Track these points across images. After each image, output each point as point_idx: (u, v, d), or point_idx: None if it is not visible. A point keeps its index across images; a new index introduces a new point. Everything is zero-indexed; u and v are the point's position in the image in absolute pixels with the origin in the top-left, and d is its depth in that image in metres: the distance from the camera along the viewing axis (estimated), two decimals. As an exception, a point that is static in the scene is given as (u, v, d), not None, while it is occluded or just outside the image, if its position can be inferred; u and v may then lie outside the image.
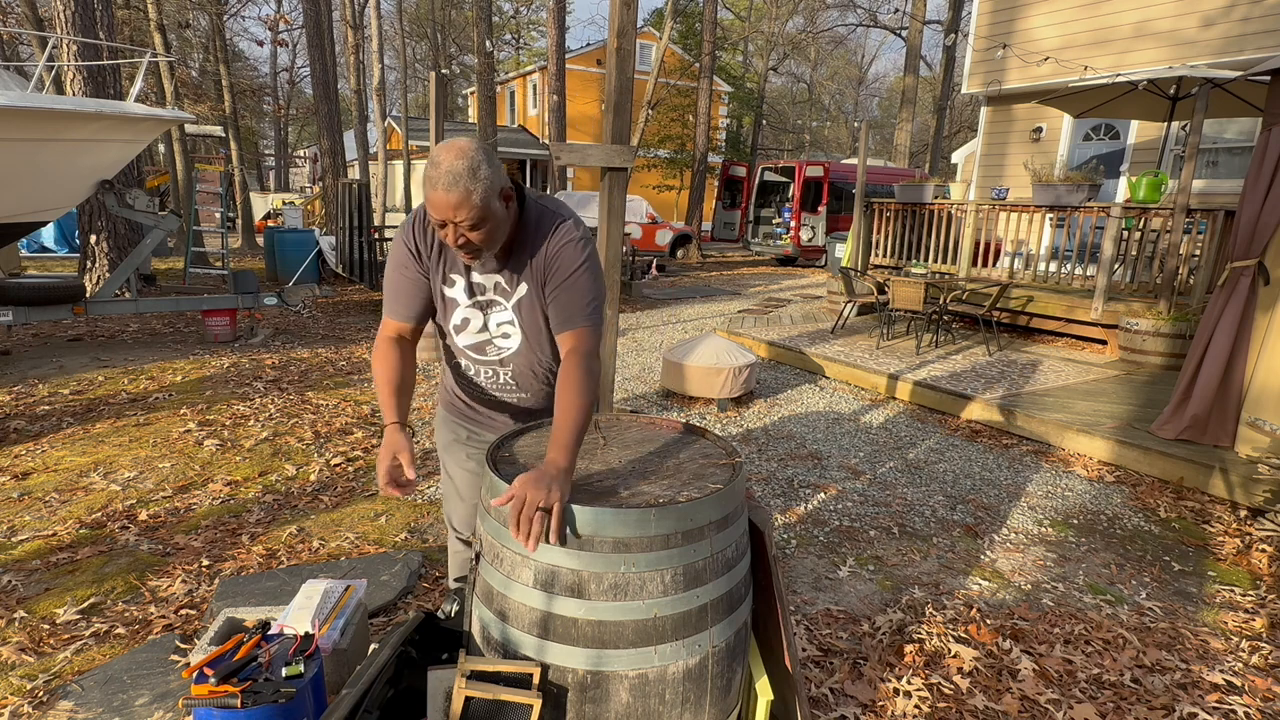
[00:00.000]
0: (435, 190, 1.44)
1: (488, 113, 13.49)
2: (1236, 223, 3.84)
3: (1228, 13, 7.73)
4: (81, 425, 4.29)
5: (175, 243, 14.10)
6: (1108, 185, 8.86)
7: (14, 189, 5.49)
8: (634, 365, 6.40)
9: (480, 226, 1.49)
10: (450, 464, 1.98)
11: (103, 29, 7.97)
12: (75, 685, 2.05)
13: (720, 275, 14.14)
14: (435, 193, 1.44)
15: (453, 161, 1.43)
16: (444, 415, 2.00)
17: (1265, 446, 3.74)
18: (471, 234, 1.49)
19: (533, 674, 1.32)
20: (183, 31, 24.06)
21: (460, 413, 1.94)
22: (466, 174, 1.43)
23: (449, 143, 1.47)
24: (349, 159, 18.59)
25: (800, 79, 38.20)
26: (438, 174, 1.43)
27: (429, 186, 1.45)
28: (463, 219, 1.46)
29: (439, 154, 1.44)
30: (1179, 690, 2.21)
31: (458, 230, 1.48)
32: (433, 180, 1.44)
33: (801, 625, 2.48)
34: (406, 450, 1.58)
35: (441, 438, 2.02)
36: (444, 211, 1.45)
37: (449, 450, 1.98)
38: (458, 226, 1.48)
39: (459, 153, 1.44)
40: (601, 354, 1.83)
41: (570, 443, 1.41)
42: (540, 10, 31.62)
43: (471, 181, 1.43)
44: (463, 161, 1.43)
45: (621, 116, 3.09)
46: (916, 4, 18.54)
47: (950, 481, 3.90)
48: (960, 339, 7.09)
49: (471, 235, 1.50)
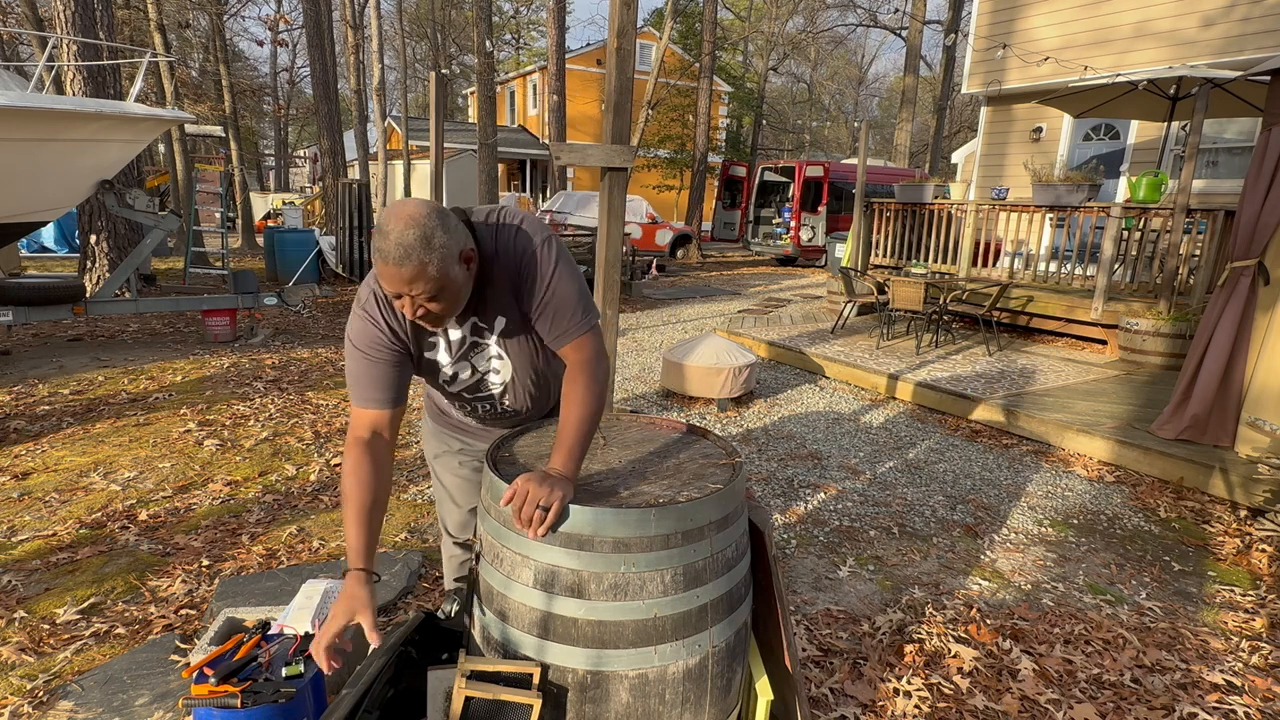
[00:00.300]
0: (386, 264, 1.30)
1: (488, 113, 13.48)
2: (1236, 223, 3.84)
3: (1228, 13, 7.73)
4: (81, 425, 4.29)
5: (175, 243, 14.10)
6: (1108, 185, 8.86)
7: (14, 189, 5.49)
8: (634, 365, 6.40)
9: (440, 298, 1.36)
10: (442, 472, 1.94)
11: (103, 29, 7.97)
12: (75, 685, 2.05)
13: (720, 275, 14.14)
14: (387, 267, 1.30)
15: (402, 232, 1.28)
16: (434, 428, 1.95)
17: (1265, 446, 3.74)
18: (430, 305, 1.37)
19: (533, 674, 1.32)
20: (183, 31, 24.06)
21: (453, 426, 1.89)
22: (419, 245, 1.29)
23: (398, 208, 1.32)
24: (349, 159, 18.58)
25: (800, 79, 38.21)
26: (387, 246, 1.29)
27: (378, 259, 1.31)
28: (419, 292, 1.33)
29: (387, 222, 1.30)
30: (1179, 690, 2.21)
31: (415, 302, 1.36)
32: (383, 253, 1.30)
33: (801, 625, 2.48)
34: (369, 611, 1.37)
35: (431, 448, 1.97)
36: (397, 285, 1.33)
37: (440, 460, 1.93)
38: (415, 299, 1.35)
39: (408, 221, 1.29)
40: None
41: (574, 448, 1.39)
42: (540, 10, 31.63)
43: (425, 253, 1.30)
44: (413, 231, 1.28)
45: (621, 116, 3.09)
46: (916, 4, 18.54)
47: (950, 481, 3.90)
48: (960, 339, 7.09)
49: (431, 306, 1.37)
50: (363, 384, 1.51)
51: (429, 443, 1.98)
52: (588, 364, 1.52)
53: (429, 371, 1.66)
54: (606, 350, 1.60)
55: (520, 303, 1.53)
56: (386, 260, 1.30)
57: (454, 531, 2.01)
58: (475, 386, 1.68)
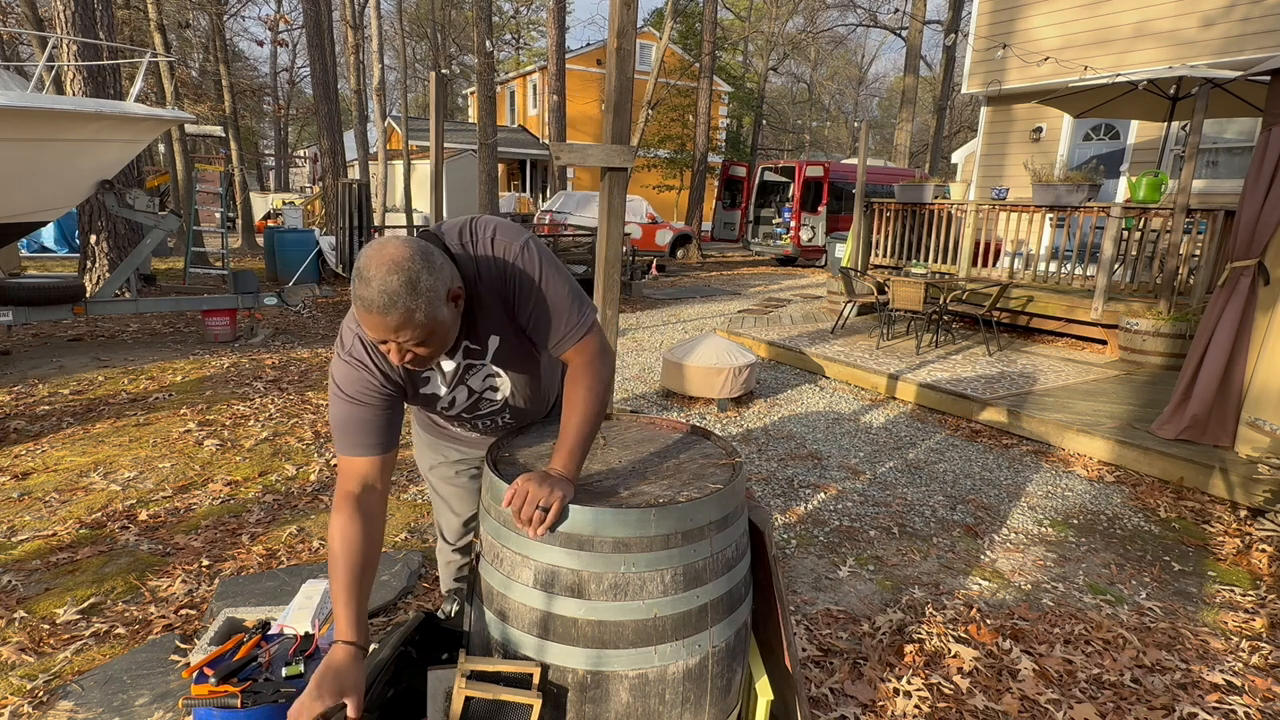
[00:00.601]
0: (370, 313, 1.21)
1: (488, 113, 13.49)
2: (1236, 223, 3.84)
3: (1228, 13, 7.73)
4: (81, 425, 4.29)
5: (175, 243, 14.10)
6: (1108, 185, 8.86)
7: (14, 189, 5.49)
8: (634, 365, 6.40)
9: (429, 342, 1.29)
10: (438, 482, 1.91)
11: (103, 29, 7.97)
12: (75, 685, 2.05)
13: (720, 275, 14.14)
14: (371, 315, 1.22)
15: (385, 278, 1.19)
16: (427, 439, 1.89)
17: (1265, 446, 3.74)
18: (418, 350, 1.30)
19: (533, 674, 1.32)
20: (183, 31, 24.06)
21: (447, 437, 1.85)
22: (404, 291, 1.20)
23: (379, 251, 1.22)
24: (349, 159, 18.58)
25: (800, 79, 38.21)
26: (369, 293, 1.20)
27: (360, 307, 1.22)
28: (406, 339, 1.26)
29: (368, 267, 1.21)
30: (1179, 690, 2.21)
31: (402, 348, 1.28)
32: (365, 301, 1.21)
33: (801, 625, 2.48)
34: (358, 695, 1.28)
35: (426, 460, 1.92)
36: (382, 333, 1.25)
37: (436, 470, 1.89)
38: (401, 345, 1.28)
39: (391, 265, 1.20)
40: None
41: (576, 449, 1.37)
42: (540, 10, 31.63)
43: (411, 299, 1.21)
44: (397, 277, 1.19)
45: (621, 116, 3.09)
46: (916, 4, 18.54)
47: (950, 481, 3.90)
48: (960, 339, 7.09)
49: (419, 351, 1.30)
50: (353, 431, 1.40)
51: (423, 455, 1.93)
52: (590, 364, 1.47)
53: (426, 403, 1.60)
54: (609, 345, 1.55)
55: (513, 317, 1.47)
56: (370, 309, 1.21)
57: (451, 539, 1.99)
58: (474, 406, 1.65)
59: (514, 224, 1.46)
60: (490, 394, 1.62)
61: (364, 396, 1.39)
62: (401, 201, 18.99)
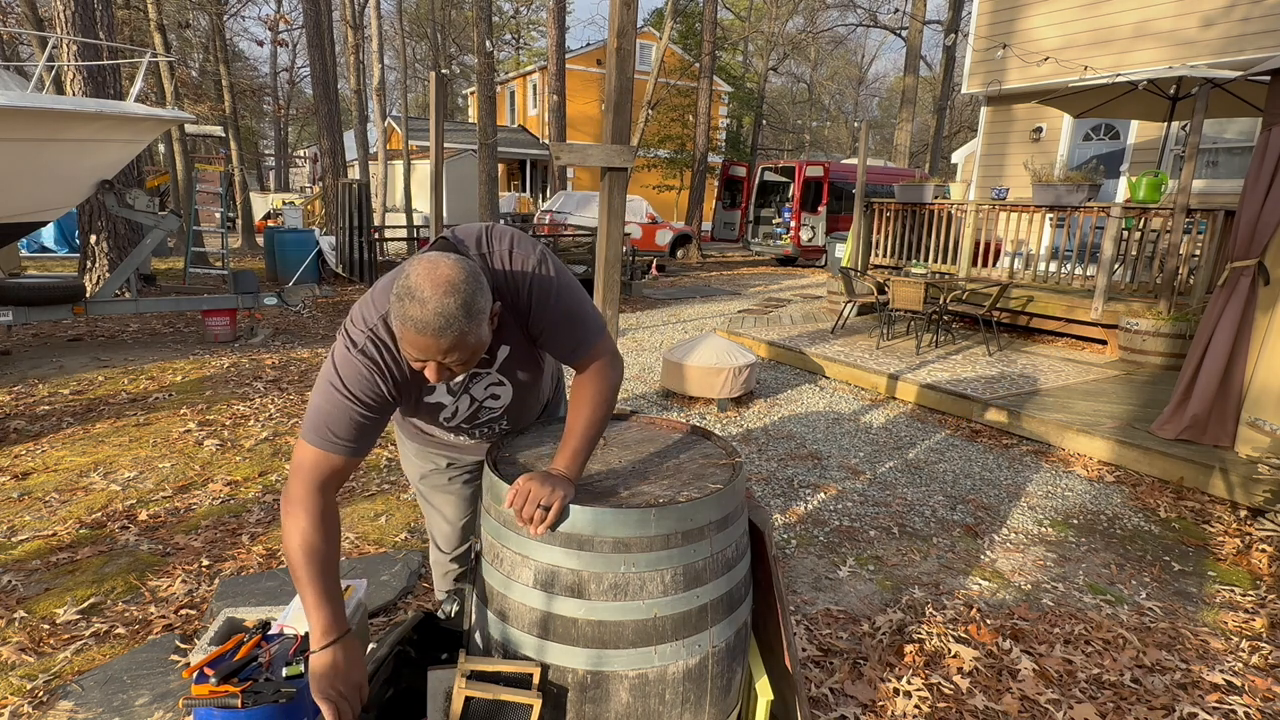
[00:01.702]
0: (424, 335, 1.17)
1: (488, 113, 13.48)
2: (1236, 223, 3.84)
3: (1228, 13, 7.73)
4: (81, 425, 4.29)
5: (175, 243, 14.11)
6: (1108, 185, 8.86)
7: (14, 189, 5.49)
8: (634, 365, 6.40)
9: (472, 360, 1.27)
10: (430, 491, 1.88)
11: (103, 29, 7.97)
12: (75, 685, 2.05)
13: (720, 275, 14.14)
14: (423, 337, 1.17)
15: (442, 300, 1.16)
16: (416, 448, 1.85)
17: (1265, 446, 3.74)
18: (459, 368, 1.28)
19: (533, 674, 1.32)
20: (183, 31, 24.06)
21: (437, 444, 1.82)
22: (460, 314, 1.17)
23: (430, 269, 1.17)
24: (349, 159, 18.59)
25: (800, 79, 38.21)
26: (424, 315, 1.16)
27: (410, 327, 1.17)
28: (453, 360, 1.23)
29: (422, 286, 1.16)
30: (1179, 690, 2.21)
31: (442, 367, 1.25)
32: (418, 323, 1.16)
33: (801, 625, 2.48)
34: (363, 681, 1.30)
35: (416, 469, 1.88)
36: (430, 354, 1.21)
37: (428, 479, 1.86)
38: (443, 364, 1.25)
39: (448, 288, 1.16)
40: None
41: (579, 450, 1.37)
42: (540, 10, 31.63)
43: (467, 322, 1.18)
44: (454, 300, 1.16)
45: (621, 116, 3.09)
46: (916, 4, 18.54)
47: (950, 481, 3.90)
48: (960, 339, 7.09)
49: (459, 369, 1.28)
50: (340, 427, 1.33)
51: (411, 464, 1.89)
52: (600, 369, 1.48)
53: (428, 413, 1.58)
54: (619, 352, 1.55)
55: (525, 328, 1.47)
56: (425, 331, 1.17)
57: (445, 547, 1.97)
58: (474, 415, 1.64)
59: (528, 236, 1.46)
60: (491, 402, 1.62)
61: (365, 397, 1.33)
62: (401, 201, 18.99)
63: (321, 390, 1.34)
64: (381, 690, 1.49)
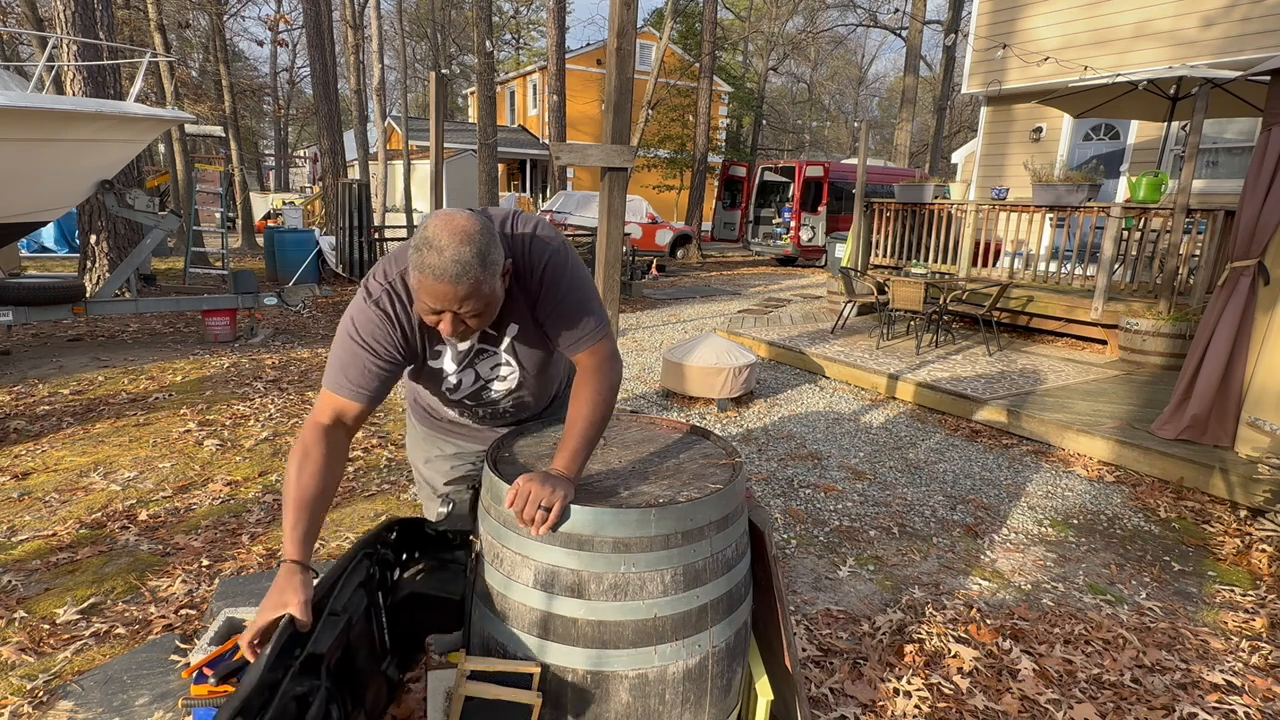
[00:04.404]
0: (441, 281, 1.23)
1: (488, 113, 13.48)
2: (1236, 223, 3.84)
3: (1228, 13, 7.73)
4: (81, 425, 4.29)
5: (175, 243, 14.11)
6: (1108, 185, 8.86)
7: (14, 189, 5.49)
8: (634, 365, 6.40)
9: (484, 315, 1.34)
10: (433, 476, 1.90)
11: (103, 29, 7.97)
12: (75, 685, 2.05)
13: (720, 275, 14.14)
14: (440, 284, 1.24)
15: (459, 248, 1.22)
16: (424, 431, 1.89)
17: (1265, 446, 3.74)
18: (473, 321, 1.34)
19: (533, 674, 1.32)
20: (183, 31, 24.07)
21: (444, 430, 1.86)
22: (476, 262, 1.24)
23: (449, 221, 1.25)
24: (349, 159, 18.58)
25: (800, 79, 38.21)
26: (441, 262, 1.22)
27: (428, 274, 1.24)
28: (467, 310, 1.30)
29: (439, 236, 1.23)
30: (1179, 690, 2.21)
31: (457, 319, 1.31)
32: (436, 270, 1.23)
33: (801, 625, 2.48)
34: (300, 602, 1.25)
35: (421, 453, 1.91)
36: (446, 302, 1.27)
37: (432, 464, 1.89)
38: (458, 316, 1.31)
39: (465, 236, 1.23)
40: None
41: (579, 450, 1.38)
42: (540, 10, 31.64)
43: (482, 271, 1.26)
44: (470, 248, 1.23)
45: (621, 116, 3.09)
46: (916, 4, 18.54)
47: (950, 481, 3.90)
48: (960, 339, 7.09)
49: (472, 323, 1.34)
50: (350, 372, 1.42)
51: (418, 448, 1.92)
52: (600, 368, 1.50)
53: (430, 379, 1.61)
54: (619, 353, 1.58)
55: (535, 310, 1.50)
56: (441, 277, 1.23)
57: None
58: (477, 394, 1.66)
59: (553, 228, 1.51)
60: (496, 383, 1.64)
61: (376, 345, 1.42)
62: (401, 201, 19.00)
63: (338, 339, 1.45)
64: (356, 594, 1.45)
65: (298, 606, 1.25)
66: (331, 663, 1.34)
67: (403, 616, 1.62)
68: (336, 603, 1.39)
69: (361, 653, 1.48)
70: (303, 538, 1.33)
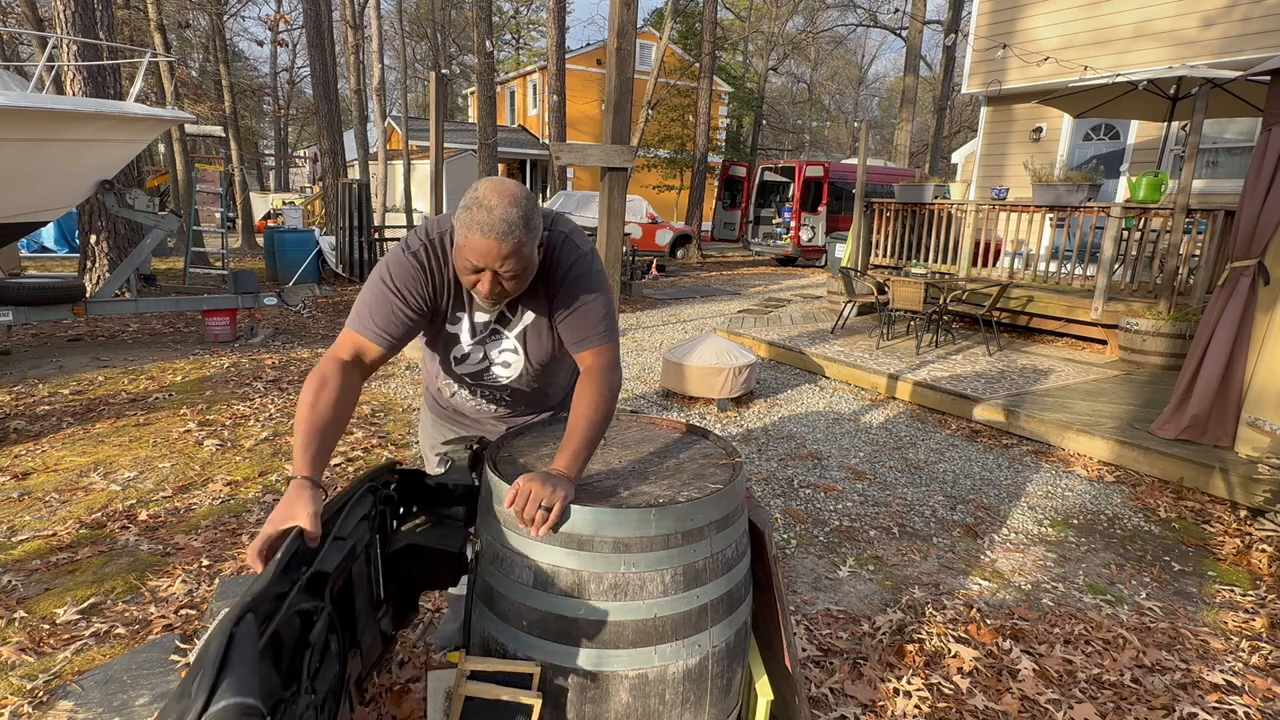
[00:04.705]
0: (487, 237, 1.33)
1: (488, 113, 13.48)
2: (1236, 223, 3.84)
3: (1228, 13, 7.73)
4: (81, 425, 4.29)
5: (175, 243, 14.11)
6: (1108, 185, 8.86)
7: (14, 189, 5.49)
8: (634, 365, 6.40)
9: (521, 277, 1.42)
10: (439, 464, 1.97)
11: (103, 29, 7.97)
12: (75, 685, 2.05)
13: (720, 275, 14.14)
14: (486, 239, 1.33)
15: (507, 209, 1.33)
16: (433, 419, 1.97)
17: (1265, 446, 3.74)
18: (509, 283, 1.42)
19: (533, 674, 1.32)
20: (183, 31, 24.07)
21: (449, 418, 1.93)
22: (521, 224, 1.34)
23: (497, 186, 1.36)
24: (349, 159, 18.58)
25: (800, 79, 38.21)
26: (490, 220, 1.32)
27: (476, 231, 1.33)
28: (508, 269, 1.38)
29: (489, 197, 1.34)
30: (1179, 690, 2.21)
31: (496, 278, 1.40)
32: (484, 225, 1.32)
33: (801, 625, 2.48)
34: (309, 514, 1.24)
35: (429, 438, 1.99)
36: (489, 259, 1.35)
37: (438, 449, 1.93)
38: (498, 275, 1.39)
39: (512, 199, 1.34)
40: None
41: (580, 451, 1.39)
42: (540, 10, 31.64)
43: (525, 233, 1.36)
44: (517, 210, 1.34)
45: (621, 116, 3.09)
46: (916, 4, 18.54)
47: (950, 481, 3.90)
48: (960, 339, 7.09)
49: (509, 285, 1.43)
50: (376, 315, 1.48)
51: (427, 434, 2.00)
52: (603, 372, 1.53)
53: (445, 344, 1.67)
54: (621, 361, 1.62)
55: (551, 304, 1.56)
56: (489, 233, 1.32)
57: None
58: (480, 375, 1.72)
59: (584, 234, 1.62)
60: (499, 369, 1.70)
61: (406, 292, 1.49)
62: (401, 201, 18.99)
63: (370, 284, 1.51)
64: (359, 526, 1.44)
65: (307, 519, 1.23)
66: (335, 588, 1.33)
67: (399, 569, 1.60)
68: (342, 529, 1.36)
69: (361, 592, 1.46)
70: (314, 458, 1.34)
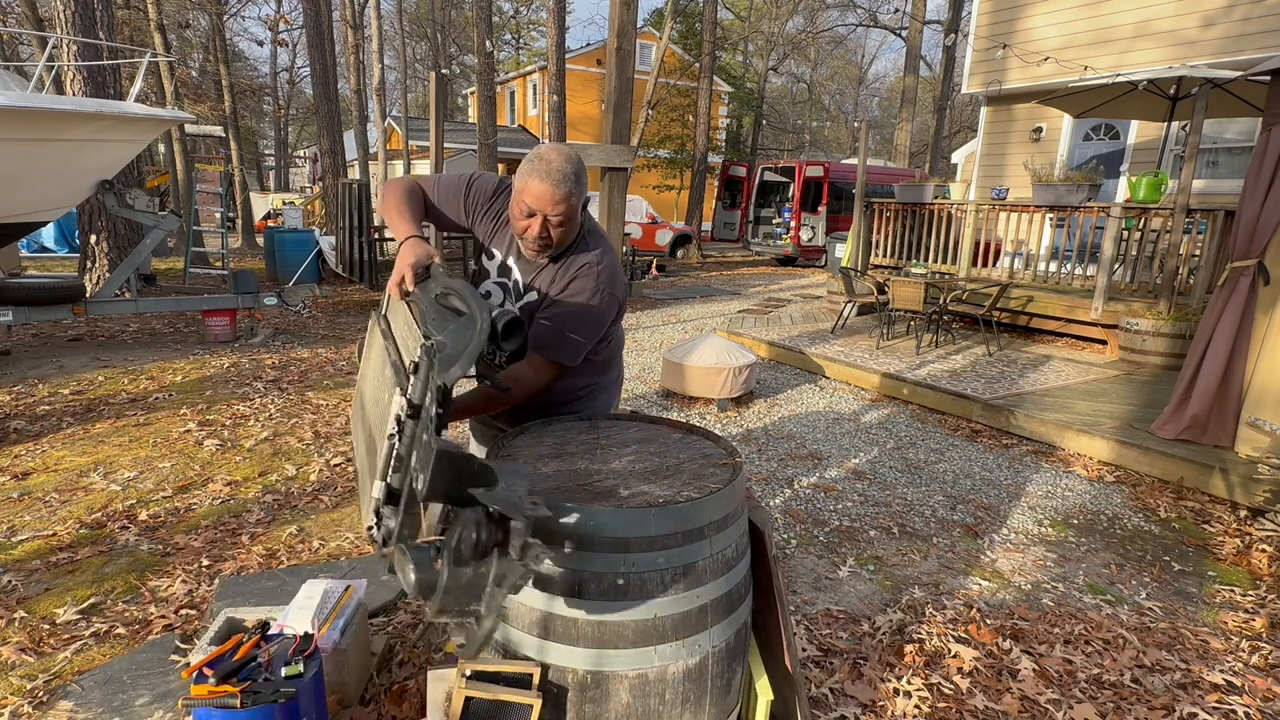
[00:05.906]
0: (544, 182, 1.53)
1: (488, 113, 13.47)
2: (1236, 223, 3.84)
3: (1228, 13, 7.73)
4: (81, 425, 4.29)
5: (175, 243, 14.10)
6: (1108, 185, 8.86)
7: (14, 189, 5.49)
8: (634, 365, 6.40)
9: (565, 226, 1.60)
10: None
11: (103, 29, 7.97)
12: (75, 685, 2.05)
13: (720, 275, 14.14)
14: (543, 184, 1.53)
15: (563, 163, 1.54)
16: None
17: (1265, 446, 3.74)
18: (555, 230, 1.60)
19: (533, 674, 1.32)
20: (183, 31, 24.06)
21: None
22: (573, 178, 1.56)
23: (557, 148, 1.57)
24: (349, 159, 18.57)
25: (800, 79, 38.20)
26: (549, 169, 1.53)
27: (536, 178, 1.54)
28: (557, 214, 1.57)
29: (549, 153, 1.55)
30: (1179, 690, 2.21)
31: (545, 224, 1.58)
32: (542, 173, 1.53)
33: (801, 625, 2.48)
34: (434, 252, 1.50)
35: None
36: (543, 203, 1.55)
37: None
38: (547, 220, 1.58)
39: (568, 158, 1.56)
40: None
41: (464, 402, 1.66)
42: (540, 10, 31.64)
43: (575, 186, 1.57)
44: (570, 166, 1.55)
45: (621, 116, 3.09)
46: (916, 4, 18.53)
47: (950, 481, 3.90)
48: (960, 339, 7.09)
49: (555, 231, 1.60)
50: (445, 187, 1.77)
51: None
52: (526, 377, 1.68)
53: (476, 277, 1.85)
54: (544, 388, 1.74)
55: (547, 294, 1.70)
56: (546, 178, 1.53)
57: None
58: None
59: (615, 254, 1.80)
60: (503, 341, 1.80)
61: (475, 192, 1.77)
62: (401, 201, 18.93)
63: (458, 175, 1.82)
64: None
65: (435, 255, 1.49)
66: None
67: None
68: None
69: None
70: (412, 222, 1.63)
